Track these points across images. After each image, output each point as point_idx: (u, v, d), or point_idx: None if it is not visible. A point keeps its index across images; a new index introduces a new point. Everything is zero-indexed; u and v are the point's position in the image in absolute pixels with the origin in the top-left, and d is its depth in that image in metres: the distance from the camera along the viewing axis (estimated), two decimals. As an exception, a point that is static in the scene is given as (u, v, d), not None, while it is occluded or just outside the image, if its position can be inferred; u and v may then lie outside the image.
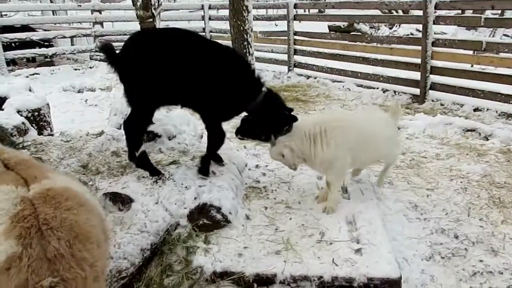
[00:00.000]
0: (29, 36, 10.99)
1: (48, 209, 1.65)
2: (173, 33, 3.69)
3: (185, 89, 3.55)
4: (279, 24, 15.86)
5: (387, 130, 3.78)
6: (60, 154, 4.00)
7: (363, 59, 8.53)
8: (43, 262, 1.51)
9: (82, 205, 1.80)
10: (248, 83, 3.64)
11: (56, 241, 1.56)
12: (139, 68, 3.46)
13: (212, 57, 3.57)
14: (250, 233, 3.27)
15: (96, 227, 1.78)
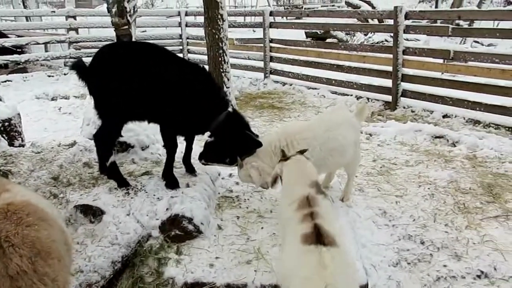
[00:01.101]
0: (1, 43, 10.76)
1: (9, 226, 1.68)
2: (140, 48, 3.72)
3: (149, 103, 3.58)
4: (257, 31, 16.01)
5: (352, 134, 3.76)
6: (30, 166, 3.95)
7: (337, 66, 8.70)
8: (5, 279, 1.54)
9: (43, 219, 1.82)
10: (211, 101, 3.66)
11: (18, 258, 1.59)
12: (105, 82, 3.54)
13: (176, 74, 3.60)
14: (222, 243, 3.30)
15: (57, 242, 1.80)
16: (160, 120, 3.74)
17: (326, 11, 9.21)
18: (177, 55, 3.84)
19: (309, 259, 2.00)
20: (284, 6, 31.23)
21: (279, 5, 31.96)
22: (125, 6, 8.00)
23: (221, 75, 7.13)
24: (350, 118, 3.88)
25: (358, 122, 3.98)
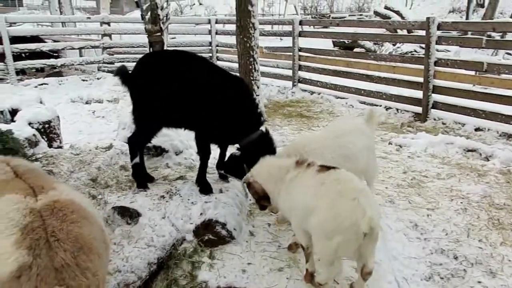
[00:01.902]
0: (39, 47, 11.19)
1: (55, 222, 1.78)
2: (181, 57, 3.83)
3: (186, 111, 3.69)
4: (284, 39, 16.11)
5: (363, 140, 3.72)
6: (70, 167, 4.11)
7: (367, 76, 8.67)
8: (51, 271, 1.64)
9: (85, 217, 1.92)
10: (246, 115, 3.76)
11: (63, 252, 1.69)
12: (146, 87, 3.68)
13: (218, 86, 3.69)
14: (254, 250, 3.36)
15: (97, 239, 1.90)
16: (196, 127, 3.84)
17: (356, 20, 9.17)
18: (218, 66, 3.93)
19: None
20: (311, 15, 31.29)
21: (306, 14, 32.06)
22: (158, 13, 8.25)
23: (251, 83, 7.21)
24: (359, 125, 3.87)
25: (369, 129, 3.94)
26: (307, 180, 2.86)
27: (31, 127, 4.91)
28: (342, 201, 2.54)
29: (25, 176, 2.13)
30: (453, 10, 26.77)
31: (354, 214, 2.46)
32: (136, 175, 3.88)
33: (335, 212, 2.53)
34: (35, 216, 1.78)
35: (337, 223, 2.50)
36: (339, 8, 34.99)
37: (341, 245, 2.51)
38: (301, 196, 2.84)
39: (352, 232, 2.46)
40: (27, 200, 1.87)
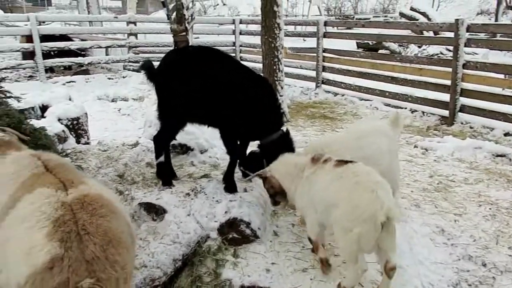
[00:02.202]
0: (67, 45, 11.46)
1: (85, 215, 1.82)
2: (205, 54, 3.86)
3: (209, 106, 3.73)
4: (307, 40, 16.04)
5: (385, 142, 3.66)
6: (98, 163, 4.20)
7: (392, 78, 8.55)
8: (82, 263, 1.67)
9: (113, 212, 1.95)
10: (269, 117, 3.80)
11: (93, 246, 1.72)
12: (170, 83, 3.73)
13: (240, 85, 3.73)
14: (277, 250, 3.36)
15: (125, 233, 1.93)
16: (218, 124, 3.87)
17: (382, 22, 9.06)
18: (242, 64, 3.94)
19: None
20: (335, 16, 31.09)
21: (329, 14, 31.86)
22: (184, 13, 8.35)
23: (275, 83, 7.23)
24: (382, 127, 3.80)
25: (393, 131, 3.85)
26: (325, 175, 2.94)
27: (60, 123, 5.04)
28: (360, 193, 2.62)
29: (56, 170, 2.18)
30: (481, 12, 26.15)
31: (372, 206, 2.53)
32: (161, 174, 3.92)
33: (354, 204, 2.61)
34: (66, 209, 1.83)
35: (357, 214, 2.57)
36: (363, 9, 34.65)
37: (361, 236, 2.56)
38: (321, 192, 2.91)
39: (371, 223, 2.52)
40: (58, 194, 1.91)
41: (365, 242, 2.60)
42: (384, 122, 3.94)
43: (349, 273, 2.78)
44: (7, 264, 1.80)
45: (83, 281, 1.63)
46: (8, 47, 11.49)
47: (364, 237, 2.57)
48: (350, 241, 2.62)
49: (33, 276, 1.64)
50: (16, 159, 2.32)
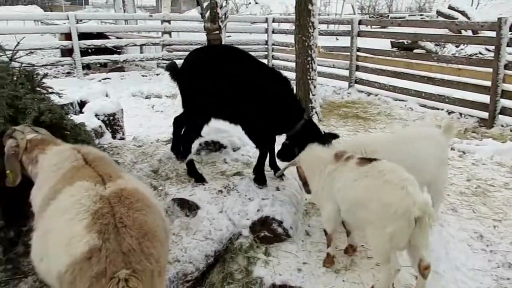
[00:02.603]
0: (104, 43, 11.76)
1: (122, 209, 1.87)
2: (226, 52, 3.98)
3: (233, 106, 3.82)
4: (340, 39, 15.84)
5: (433, 150, 3.52)
6: (133, 158, 4.28)
7: (428, 78, 8.32)
8: (119, 254, 1.72)
9: (149, 206, 2.00)
10: (291, 110, 3.87)
11: (130, 238, 1.77)
12: (193, 81, 3.81)
13: (262, 82, 3.80)
14: (309, 249, 3.33)
15: (160, 227, 1.96)
16: (240, 120, 3.97)
17: (419, 21, 8.82)
18: (260, 61, 4.04)
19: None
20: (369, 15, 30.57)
21: (363, 13, 31.36)
22: (217, 12, 8.39)
23: (307, 82, 7.18)
24: (433, 134, 3.65)
25: (444, 140, 3.69)
26: (348, 173, 2.94)
27: (97, 119, 5.18)
28: (390, 191, 2.62)
29: (94, 163, 2.25)
30: (524, 10, 25.07)
31: (405, 202, 2.54)
32: (192, 172, 3.96)
33: (385, 203, 2.59)
34: (104, 202, 1.88)
35: (390, 213, 2.56)
36: (398, 7, 33.92)
37: (394, 234, 2.57)
38: (344, 191, 2.92)
39: (404, 220, 2.53)
40: (97, 187, 1.98)
41: (398, 240, 2.60)
42: (435, 129, 3.79)
43: (382, 274, 2.75)
44: (48, 253, 1.87)
45: (120, 272, 1.67)
46: (48, 45, 11.91)
47: (397, 234, 2.57)
48: (383, 240, 2.61)
49: (72, 265, 1.70)
50: (58, 151, 2.41)
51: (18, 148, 2.55)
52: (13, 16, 15.05)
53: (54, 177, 2.20)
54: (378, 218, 2.64)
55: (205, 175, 4.01)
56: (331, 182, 3.04)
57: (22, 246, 3.18)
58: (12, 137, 2.61)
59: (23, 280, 2.94)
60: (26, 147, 2.55)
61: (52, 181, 2.18)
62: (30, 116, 2.79)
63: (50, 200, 2.03)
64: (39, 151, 2.50)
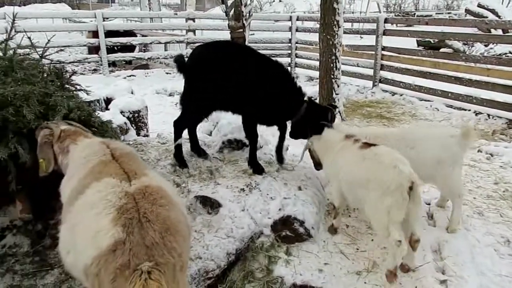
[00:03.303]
0: (129, 41, 11.95)
1: (146, 204, 1.93)
2: (229, 48, 4.14)
3: (236, 97, 3.96)
4: (364, 37, 15.62)
5: (438, 153, 3.51)
6: (157, 155, 4.33)
7: (455, 78, 8.13)
8: (142, 248, 1.77)
9: (172, 203, 2.05)
10: (292, 97, 4.05)
11: (153, 232, 1.82)
12: (198, 76, 3.93)
13: (263, 72, 3.98)
14: (331, 250, 3.31)
15: (182, 223, 2.02)
16: (242, 111, 4.10)
17: (448, 19, 8.62)
18: (259, 52, 4.15)
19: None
20: (394, 13, 30.07)
21: (389, 11, 30.86)
22: (242, 10, 8.40)
23: (331, 81, 7.10)
24: (443, 136, 3.62)
25: (455, 143, 3.58)
26: (351, 154, 3.26)
27: (122, 115, 5.26)
28: (384, 169, 2.90)
29: (121, 159, 2.32)
30: (557, 8, 24.21)
31: (398, 177, 2.82)
32: (178, 156, 4.16)
33: (381, 180, 2.87)
34: (129, 198, 1.95)
35: (385, 187, 2.84)
36: (425, 5, 33.23)
37: (391, 207, 2.82)
38: (344, 170, 3.25)
39: (398, 193, 2.80)
40: (122, 184, 2.05)
41: (395, 212, 2.84)
42: (451, 132, 3.71)
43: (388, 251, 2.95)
44: (75, 246, 1.94)
45: (143, 264, 1.72)
46: (76, 42, 12.15)
47: (393, 207, 2.82)
48: (382, 214, 2.86)
49: (98, 257, 1.76)
50: (88, 144, 2.50)
51: (52, 136, 2.66)
52: (43, 14, 15.45)
53: (83, 170, 2.28)
54: (375, 194, 2.90)
55: (227, 173, 4.04)
56: (336, 160, 3.38)
57: (49, 239, 3.27)
58: (46, 127, 2.71)
59: (50, 272, 3.02)
60: (60, 136, 2.65)
61: (81, 173, 2.26)
62: (60, 113, 2.87)
63: (78, 194, 2.10)
64: (71, 141, 2.61)
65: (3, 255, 3.14)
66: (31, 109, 2.77)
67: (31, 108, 2.77)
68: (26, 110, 2.74)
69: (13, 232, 3.28)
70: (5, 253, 3.16)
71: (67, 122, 2.83)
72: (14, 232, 3.28)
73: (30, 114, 2.74)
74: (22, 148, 2.82)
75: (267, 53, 12.85)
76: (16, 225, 3.31)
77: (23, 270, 3.03)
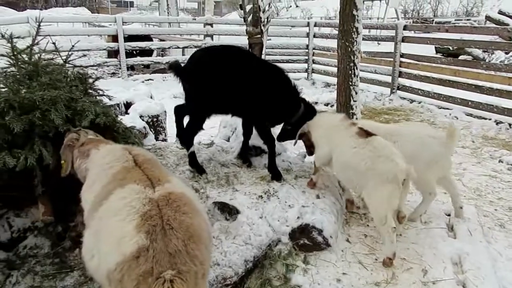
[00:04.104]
0: (148, 45, 12.08)
1: (170, 212, 1.92)
2: (228, 52, 4.13)
3: (235, 101, 4.00)
4: (381, 44, 15.52)
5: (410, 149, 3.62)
6: (175, 160, 4.36)
7: (475, 86, 8.02)
8: (165, 255, 1.77)
9: (195, 210, 2.05)
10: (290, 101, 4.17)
11: (176, 240, 1.82)
12: (196, 80, 3.94)
13: (261, 76, 4.02)
14: (349, 260, 3.28)
15: (204, 231, 2.01)
16: (243, 113, 4.19)
17: (469, 26, 8.51)
18: (260, 58, 4.14)
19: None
20: (412, 19, 29.81)
21: (407, 18, 30.61)
22: (260, 16, 8.42)
23: (349, 88, 7.04)
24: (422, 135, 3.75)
25: (441, 145, 3.69)
26: (348, 136, 3.53)
27: (141, 120, 5.32)
28: (383, 162, 3.20)
29: (144, 166, 2.33)
30: None
31: (394, 169, 3.14)
32: (193, 163, 4.17)
33: (381, 171, 3.18)
34: (153, 205, 1.95)
35: (384, 178, 3.15)
36: (444, 12, 32.87)
37: (390, 195, 3.15)
38: (342, 148, 3.53)
39: (395, 182, 3.13)
40: (146, 190, 2.06)
41: (393, 200, 3.17)
42: (434, 132, 3.88)
43: (384, 238, 3.23)
44: (99, 251, 1.95)
45: (166, 272, 1.72)
46: (96, 46, 12.35)
47: (392, 195, 3.15)
48: (382, 202, 3.17)
49: (122, 263, 1.77)
50: (110, 150, 2.53)
51: (77, 141, 2.71)
52: (64, 18, 15.73)
53: (106, 176, 2.30)
54: (375, 184, 3.21)
55: (245, 180, 4.04)
56: (332, 134, 3.71)
57: (68, 241, 3.31)
58: (75, 132, 2.77)
59: (69, 274, 3.06)
60: (83, 143, 2.69)
61: (104, 180, 2.28)
62: (87, 118, 2.92)
63: (102, 200, 2.11)
64: (92, 146, 2.63)
65: (24, 256, 3.19)
66: (59, 114, 2.82)
67: (59, 112, 2.82)
68: (54, 114, 2.79)
69: (34, 233, 3.33)
70: (26, 254, 3.21)
71: (96, 134, 2.89)
72: (35, 233, 3.33)
73: (58, 118, 2.79)
74: (46, 151, 2.86)
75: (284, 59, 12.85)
76: (37, 226, 3.36)
77: (43, 271, 3.07)
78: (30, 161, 2.75)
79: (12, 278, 2.99)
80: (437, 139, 3.73)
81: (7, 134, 2.88)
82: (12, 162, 2.77)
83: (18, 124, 2.82)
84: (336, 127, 3.70)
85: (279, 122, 4.33)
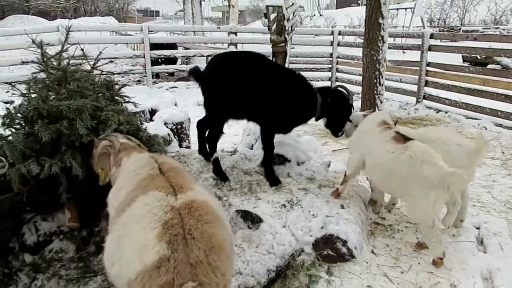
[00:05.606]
0: (173, 53, 12.26)
1: (192, 221, 1.89)
2: (246, 57, 4.19)
3: (253, 106, 4.03)
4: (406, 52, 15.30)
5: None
6: (199, 168, 4.37)
7: (506, 96, 7.79)
8: (186, 266, 1.74)
9: (217, 219, 2.01)
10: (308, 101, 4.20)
11: (197, 250, 1.78)
12: (212, 85, 4.01)
13: (280, 81, 4.06)
14: (374, 272, 3.20)
15: (227, 241, 1.96)
16: (260, 119, 4.19)
17: (498, 35, 8.30)
18: (276, 63, 4.15)
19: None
20: (439, 28, 29.34)
21: (433, 26, 30.14)
22: (284, 24, 8.43)
23: (374, 97, 6.99)
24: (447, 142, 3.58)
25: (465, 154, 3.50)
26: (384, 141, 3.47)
27: (166, 127, 5.36)
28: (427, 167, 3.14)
29: (168, 173, 2.32)
30: None
31: (438, 174, 3.09)
32: (217, 170, 4.18)
33: (424, 176, 3.14)
34: (175, 213, 1.92)
35: (428, 183, 3.11)
36: (471, 20, 32.23)
37: (436, 200, 3.12)
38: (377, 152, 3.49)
39: (441, 188, 3.09)
40: (168, 198, 2.03)
41: (439, 204, 3.18)
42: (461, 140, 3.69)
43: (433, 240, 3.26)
44: (121, 257, 1.93)
45: (187, 284, 1.69)
46: (122, 54, 12.59)
47: (437, 200, 3.13)
48: (427, 206, 3.13)
49: (143, 272, 1.74)
50: (138, 158, 2.54)
51: (111, 148, 2.73)
52: (92, 27, 16.14)
53: (131, 183, 2.31)
54: (419, 190, 3.16)
55: (268, 188, 4.01)
56: (364, 138, 3.69)
57: (93, 245, 3.35)
58: (106, 139, 2.79)
59: (93, 278, 3.09)
60: (118, 150, 2.71)
61: (129, 186, 2.29)
62: (111, 127, 2.94)
63: (125, 206, 2.11)
64: (124, 154, 2.65)
65: (50, 260, 3.24)
66: (83, 123, 2.84)
67: (83, 122, 2.85)
68: (79, 124, 2.82)
69: (59, 237, 3.38)
70: (52, 257, 3.26)
71: (126, 136, 2.90)
72: (61, 237, 3.38)
73: (83, 128, 2.81)
74: (76, 162, 2.89)
75: (307, 67, 12.77)
76: (62, 230, 3.41)
77: (68, 275, 3.11)
78: (54, 169, 2.78)
79: (37, 282, 3.04)
80: (463, 147, 3.56)
81: (36, 142, 2.93)
82: (36, 169, 2.81)
83: (46, 134, 2.86)
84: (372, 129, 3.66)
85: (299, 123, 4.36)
